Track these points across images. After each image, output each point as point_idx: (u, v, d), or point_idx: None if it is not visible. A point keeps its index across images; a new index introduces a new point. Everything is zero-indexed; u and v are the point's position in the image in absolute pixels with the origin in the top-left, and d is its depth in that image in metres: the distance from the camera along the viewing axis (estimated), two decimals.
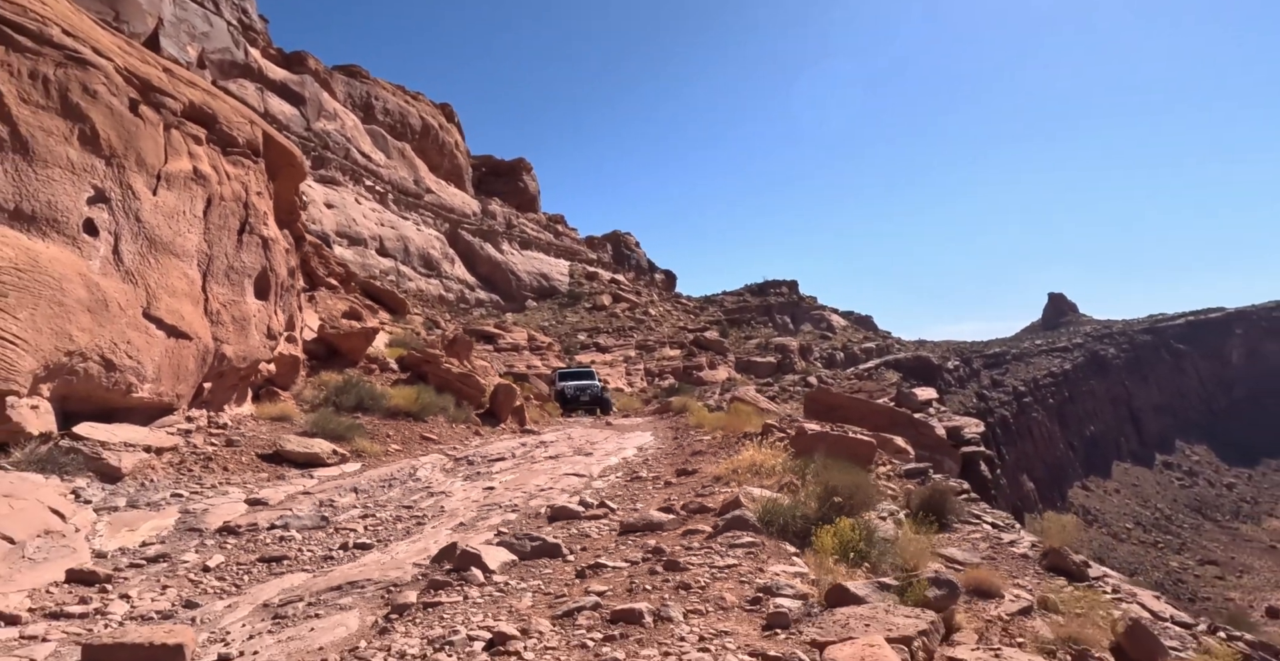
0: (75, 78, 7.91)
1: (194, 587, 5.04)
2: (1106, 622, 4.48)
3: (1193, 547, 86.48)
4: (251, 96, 46.25)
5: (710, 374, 40.36)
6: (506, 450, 11.68)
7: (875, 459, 10.18)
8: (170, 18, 42.03)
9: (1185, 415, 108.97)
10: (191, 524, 6.51)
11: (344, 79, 54.78)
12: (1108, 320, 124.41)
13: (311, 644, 3.82)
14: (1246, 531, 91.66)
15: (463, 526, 6.75)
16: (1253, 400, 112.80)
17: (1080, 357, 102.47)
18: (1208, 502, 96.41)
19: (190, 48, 42.95)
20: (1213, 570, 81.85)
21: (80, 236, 7.65)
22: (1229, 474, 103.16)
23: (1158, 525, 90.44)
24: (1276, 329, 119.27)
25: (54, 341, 6.90)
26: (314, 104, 51.16)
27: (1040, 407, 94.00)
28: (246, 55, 47.27)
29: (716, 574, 4.21)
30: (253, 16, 50.58)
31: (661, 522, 5.73)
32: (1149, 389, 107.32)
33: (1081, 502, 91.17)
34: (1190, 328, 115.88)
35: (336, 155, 50.36)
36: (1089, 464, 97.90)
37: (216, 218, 9.90)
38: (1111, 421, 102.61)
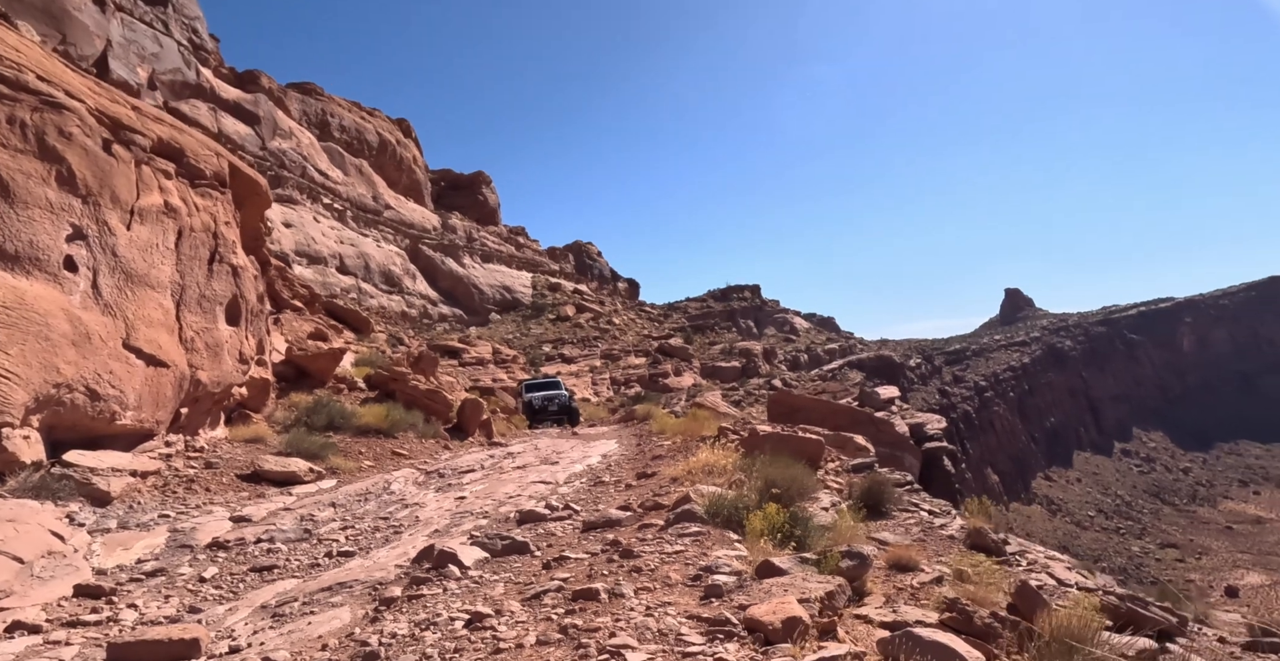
0: (51, 121, 8.35)
1: (194, 596, 5.55)
2: (1006, 587, 5.19)
3: (1153, 532, 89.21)
4: (204, 117, 46.16)
5: (676, 381, 41.10)
6: (475, 462, 12.21)
7: (824, 456, 10.92)
8: (119, 39, 41.86)
9: (1141, 403, 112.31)
10: (182, 541, 6.98)
11: (298, 97, 54.76)
12: (1063, 313, 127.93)
13: (311, 634, 4.38)
14: (1203, 514, 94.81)
15: (438, 533, 7.30)
16: (1204, 386, 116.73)
17: (1038, 351, 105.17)
18: (1165, 487, 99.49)
19: (140, 69, 42.76)
20: (1173, 553, 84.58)
21: (61, 273, 8.09)
22: (1184, 459, 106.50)
23: (1119, 511, 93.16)
24: (1224, 316, 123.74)
25: (43, 375, 7.33)
26: (268, 123, 51.08)
27: (1001, 401, 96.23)
28: (198, 75, 47.12)
29: (665, 558, 4.85)
30: (203, 36, 50.39)
31: (620, 519, 6.37)
32: (1105, 379, 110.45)
33: (1045, 493, 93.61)
34: (1142, 318, 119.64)
35: (293, 174, 50.33)
36: (1051, 454, 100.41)
37: (188, 248, 10.35)
38: (1071, 412, 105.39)
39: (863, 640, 3.42)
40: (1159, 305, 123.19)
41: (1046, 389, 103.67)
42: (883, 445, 30.64)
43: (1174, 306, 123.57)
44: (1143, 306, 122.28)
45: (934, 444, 50.69)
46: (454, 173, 68.63)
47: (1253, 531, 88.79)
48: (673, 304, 75.05)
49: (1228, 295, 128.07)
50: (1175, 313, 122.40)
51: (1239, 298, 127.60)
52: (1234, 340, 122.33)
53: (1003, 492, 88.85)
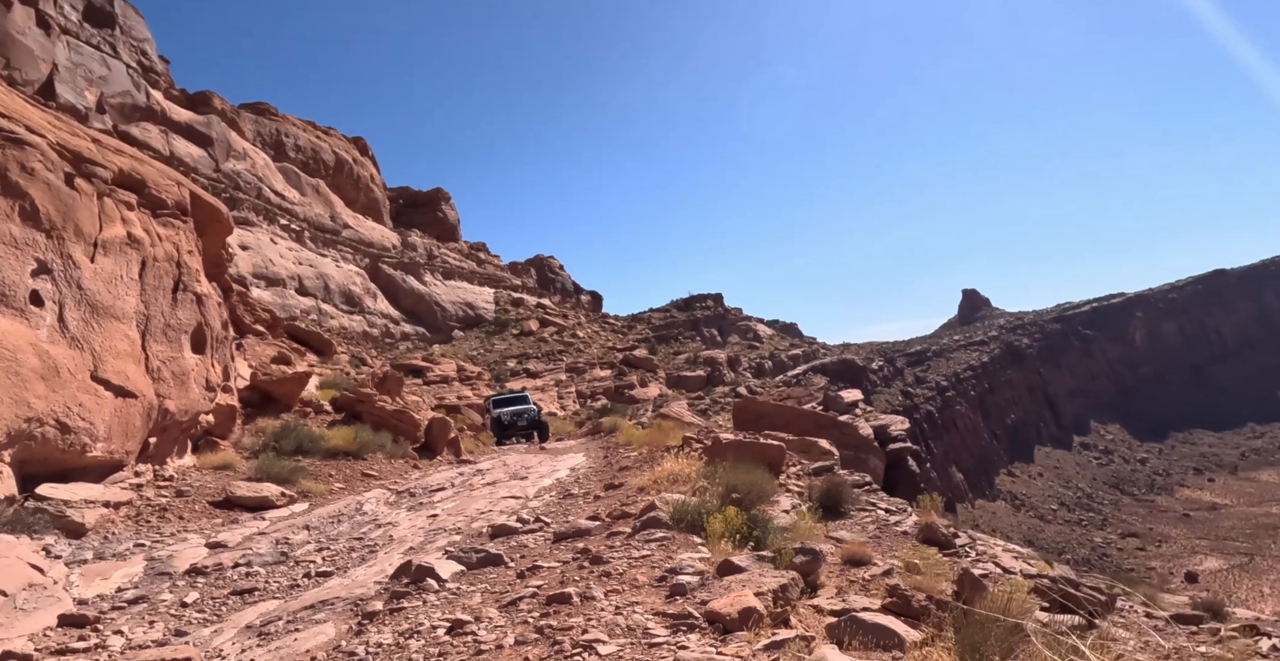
0: (14, 157, 8.45)
1: (178, 620, 5.72)
2: (951, 575, 5.60)
3: (1114, 522, 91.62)
4: (155, 140, 45.62)
5: (642, 391, 41.43)
6: (445, 480, 12.40)
7: (786, 461, 11.33)
8: (65, 63, 41.27)
9: (1097, 397, 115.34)
10: (160, 569, 7.12)
11: (252, 117, 54.29)
12: (1019, 312, 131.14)
13: (298, 649, 4.62)
14: (1161, 502, 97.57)
15: (413, 550, 7.53)
16: (1156, 378, 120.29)
17: (996, 350, 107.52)
18: (1124, 478, 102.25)
19: (88, 93, 42.17)
20: (1134, 542, 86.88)
21: (28, 308, 8.18)
22: (1141, 449, 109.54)
23: (1080, 504, 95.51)
24: (1173, 309, 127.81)
25: (14, 410, 7.42)
26: (222, 144, 50.59)
27: (963, 400, 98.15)
28: (148, 98, 46.57)
29: (633, 563, 5.17)
30: (153, 58, 49.83)
31: (589, 529, 6.67)
32: (1062, 374, 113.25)
33: (1009, 489, 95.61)
34: (1095, 314, 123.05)
35: (248, 195, 49.86)
36: (1013, 451, 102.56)
37: (151, 279, 10.44)
38: (1030, 408, 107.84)
39: (813, 626, 3.76)
40: (1111, 301, 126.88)
41: (1006, 386, 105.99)
42: (847, 448, 31.29)
43: (1125, 301, 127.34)
44: (1095, 302, 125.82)
45: (898, 445, 51.65)
46: (412, 190, 68.47)
47: (1209, 517, 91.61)
48: (636, 315, 75.53)
49: (1176, 289, 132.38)
50: (1127, 308, 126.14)
51: (1186, 291, 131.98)
52: (1183, 332, 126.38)
53: (968, 490, 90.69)
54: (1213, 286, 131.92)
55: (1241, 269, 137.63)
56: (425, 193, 68.69)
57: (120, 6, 48.76)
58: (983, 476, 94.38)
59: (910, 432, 66.89)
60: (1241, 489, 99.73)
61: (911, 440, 66.02)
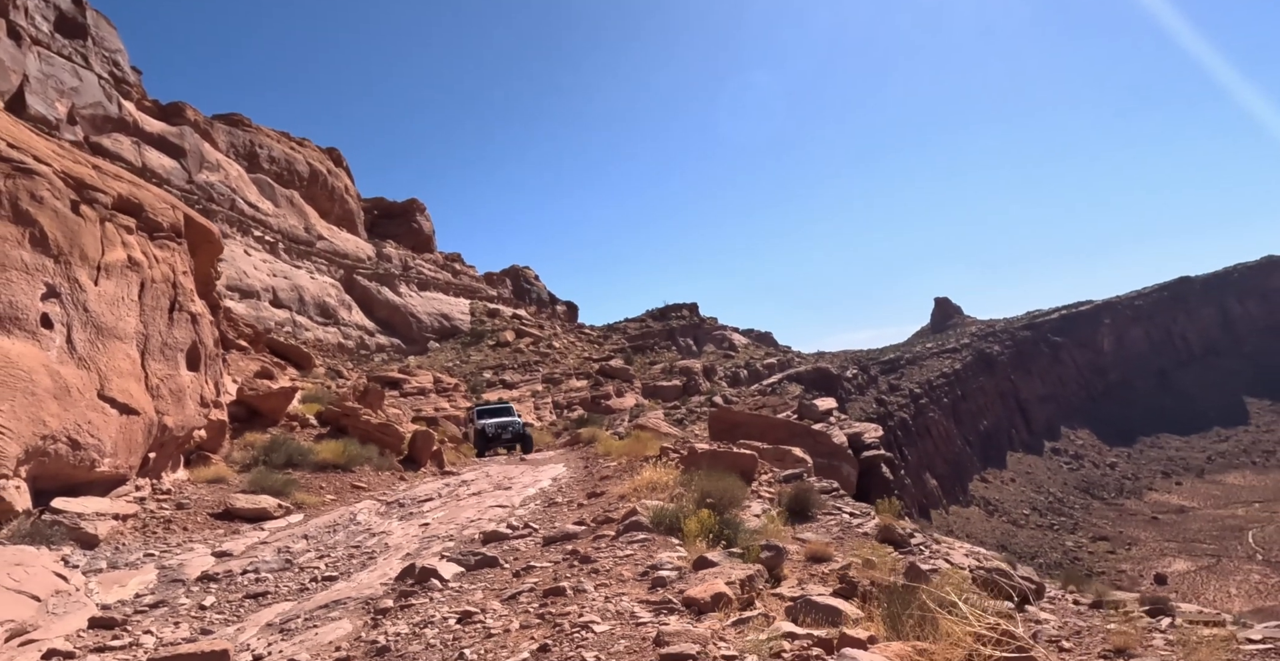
0: (24, 187, 8.95)
1: (200, 621, 6.27)
2: (901, 569, 6.30)
3: (1085, 526, 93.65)
4: (127, 151, 45.61)
5: (618, 402, 42.01)
6: (433, 491, 12.95)
7: (758, 469, 12.04)
8: (36, 74, 41.22)
9: (1067, 402, 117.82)
10: (172, 576, 7.64)
11: (225, 128, 54.35)
12: (990, 320, 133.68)
13: (321, 641, 5.21)
14: (1131, 506, 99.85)
15: (409, 556, 8.10)
16: (1124, 383, 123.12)
17: (968, 357, 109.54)
18: (1094, 483, 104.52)
19: (59, 104, 42.15)
20: (1105, 545, 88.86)
21: (39, 330, 8.67)
22: (1110, 454, 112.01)
23: (1052, 508, 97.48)
24: (1139, 316, 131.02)
25: (31, 428, 7.92)
26: (195, 155, 50.61)
27: (936, 407, 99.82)
28: (120, 109, 46.55)
29: (618, 561, 5.83)
30: (125, 69, 49.81)
31: (576, 533, 7.32)
32: (1033, 381, 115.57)
33: (982, 494, 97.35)
34: (1064, 321, 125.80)
35: (222, 207, 49.89)
36: (985, 457, 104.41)
37: (150, 299, 10.94)
38: (1002, 414, 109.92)
39: (774, 608, 4.44)
40: (1079, 308, 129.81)
41: (978, 393, 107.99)
42: (820, 455, 32.12)
43: (1093, 308, 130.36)
44: (1064, 310, 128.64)
45: (872, 452, 52.61)
46: (387, 201, 68.66)
47: (1177, 520, 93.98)
48: (612, 325, 76.17)
49: (1142, 296, 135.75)
50: (1095, 314, 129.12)
51: (1152, 298, 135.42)
52: (1150, 338, 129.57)
53: (942, 496, 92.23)
54: (1178, 293, 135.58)
55: (1205, 276, 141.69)
56: (400, 203, 68.93)
57: (92, 17, 48.70)
58: (956, 482, 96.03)
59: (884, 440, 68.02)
60: (1208, 492, 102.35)
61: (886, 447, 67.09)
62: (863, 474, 49.19)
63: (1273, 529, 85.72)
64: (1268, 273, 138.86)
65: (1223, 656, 4.03)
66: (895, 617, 3.61)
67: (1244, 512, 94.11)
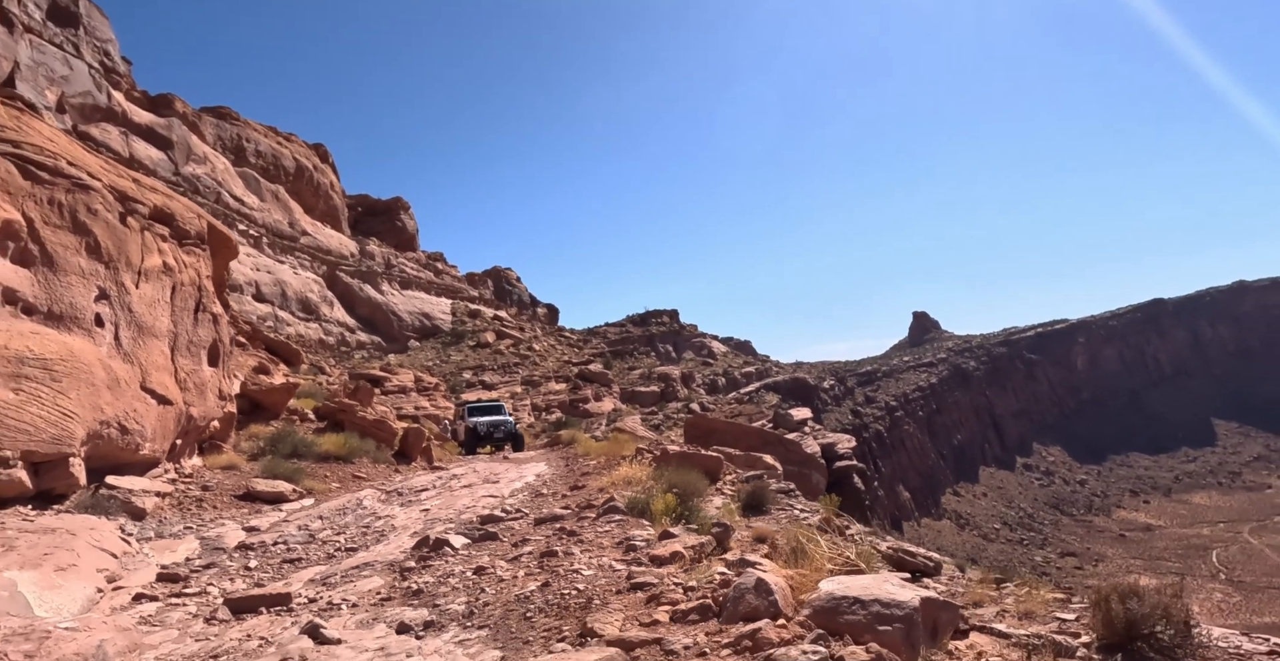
0: (81, 201, 10.31)
1: (251, 578, 7.67)
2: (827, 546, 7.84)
3: (1054, 542, 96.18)
4: (115, 141, 46.50)
5: (596, 406, 43.41)
6: (427, 483, 14.36)
7: (723, 470, 13.56)
8: (27, 61, 42.05)
9: (1040, 419, 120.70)
10: (214, 545, 9.02)
11: (213, 121, 55.22)
12: (967, 335, 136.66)
13: (361, 589, 6.65)
14: (1099, 523, 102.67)
15: (417, 534, 9.53)
16: (1096, 402, 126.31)
17: (944, 371, 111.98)
18: (1064, 499, 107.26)
19: (49, 92, 43.00)
20: (1072, 561, 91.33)
21: (93, 328, 10.03)
22: (1080, 471, 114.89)
23: (1022, 523, 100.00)
24: (1112, 336, 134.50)
25: (91, 414, 9.28)
26: (182, 147, 51.48)
27: (911, 420, 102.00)
28: (109, 99, 47.38)
29: (599, 535, 7.32)
30: (115, 59, 50.62)
31: (563, 515, 8.80)
32: (1007, 397, 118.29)
33: (954, 508, 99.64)
34: (1039, 338, 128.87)
35: (208, 200, 50.77)
36: (958, 471, 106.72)
37: (179, 301, 12.29)
38: (976, 429, 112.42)
39: (716, 564, 5.94)
40: (1055, 326, 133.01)
41: (953, 407, 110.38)
42: (791, 463, 33.72)
43: (1068, 327, 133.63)
44: (1040, 327, 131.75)
45: (844, 462, 54.41)
46: (371, 198, 69.70)
47: (1144, 538, 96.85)
48: (592, 329, 77.61)
49: (1116, 316, 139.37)
50: (1069, 333, 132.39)
51: (1126, 318, 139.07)
52: (1122, 358, 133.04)
53: (914, 509, 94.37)
54: (1151, 314, 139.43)
55: (1178, 298, 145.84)
56: (384, 201, 70.01)
57: (85, 6, 49.48)
58: (929, 495, 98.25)
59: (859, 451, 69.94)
60: (1175, 510, 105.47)
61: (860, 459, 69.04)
62: (835, 483, 50.88)
63: (1236, 549, 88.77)
64: (1238, 297, 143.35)
65: (1045, 608, 5.57)
66: (793, 562, 5.12)
67: (1209, 532, 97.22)
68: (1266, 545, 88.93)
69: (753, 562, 5.40)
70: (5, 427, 7.98)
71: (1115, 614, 4.45)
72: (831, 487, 47.35)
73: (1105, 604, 4.50)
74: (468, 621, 4.94)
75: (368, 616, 5.50)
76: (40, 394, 8.53)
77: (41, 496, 8.78)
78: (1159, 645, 4.51)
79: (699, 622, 3.94)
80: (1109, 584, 4.82)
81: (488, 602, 5.29)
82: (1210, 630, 4.99)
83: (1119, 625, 4.44)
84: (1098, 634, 4.57)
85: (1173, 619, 4.61)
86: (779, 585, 3.98)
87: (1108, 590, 4.57)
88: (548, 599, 5.02)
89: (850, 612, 3.40)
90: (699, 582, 4.86)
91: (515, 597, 5.23)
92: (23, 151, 9.81)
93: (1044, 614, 5.43)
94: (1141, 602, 4.42)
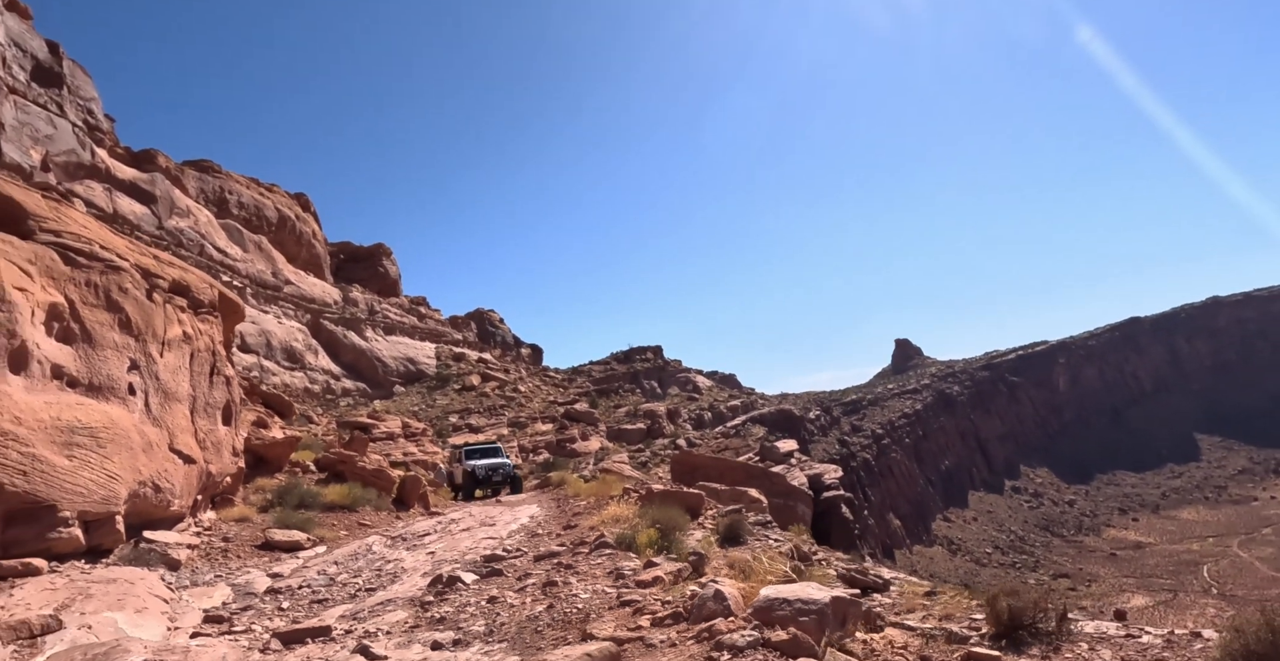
0: (113, 281, 11.54)
1: (286, 617, 8.79)
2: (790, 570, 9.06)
3: (1046, 564, 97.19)
4: (99, 197, 47.63)
5: (583, 445, 44.41)
6: (428, 528, 15.46)
7: (704, 506, 14.80)
8: (12, 122, 43.31)
9: (1025, 441, 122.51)
10: (245, 590, 10.11)
11: (196, 174, 56.53)
12: (950, 360, 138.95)
13: (389, 620, 7.80)
14: (1089, 543, 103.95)
15: (427, 574, 10.66)
16: (1080, 421, 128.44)
17: (929, 397, 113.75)
18: (1054, 520, 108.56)
19: (34, 151, 44.21)
20: (1065, 582, 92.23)
21: (127, 396, 11.20)
22: (1069, 491, 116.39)
23: (1014, 546, 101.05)
24: (1092, 356, 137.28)
25: (132, 475, 10.42)
26: (165, 202, 52.65)
27: (898, 448, 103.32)
28: (93, 156, 48.62)
29: (592, 566, 8.53)
30: (98, 116, 51.98)
31: (559, 551, 9.99)
32: (992, 420, 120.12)
33: (945, 533, 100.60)
34: (1021, 361, 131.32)
35: (191, 252, 51.84)
36: (947, 496, 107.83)
37: (197, 366, 13.47)
38: (963, 454, 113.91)
39: (692, 585, 7.17)
40: (1035, 348, 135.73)
41: (939, 433, 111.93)
42: (776, 496, 34.86)
43: (1049, 348, 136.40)
44: (1021, 350, 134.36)
45: (832, 493, 55.37)
46: (353, 245, 71.01)
47: (1134, 556, 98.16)
48: (577, 368, 78.83)
49: (1095, 336, 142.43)
50: (1050, 354, 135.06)
51: (1104, 337, 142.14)
52: (1103, 377, 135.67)
53: (905, 536, 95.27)
54: (1128, 333, 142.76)
55: (1154, 316, 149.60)
56: (366, 248, 71.33)
57: (68, 66, 50.90)
58: (920, 522, 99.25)
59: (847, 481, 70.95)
60: (1163, 527, 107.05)
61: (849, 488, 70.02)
62: (823, 514, 51.84)
63: (1226, 563, 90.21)
64: (1213, 313, 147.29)
65: (964, 611, 6.83)
66: (746, 578, 6.39)
67: (1198, 547, 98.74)
68: (1256, 558, 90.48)
69: (715, 580, 6.66)
70: (64, 491, 9.13)
71: (1001, 609, 5.74)
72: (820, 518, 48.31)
73: (994, 601, 5.79)
74: (489, 638, 6.14)
75: (403, 640, 6.68)
76: (90, 459, 9.68)
77: (91, 551, 9.88)
78: (1039, 633, 5.81)
79: (672, 624, 5.20)
80: (997, 585, 6.11)
81: (503, 623, 6.50)
82: (1085, 624, 6.30)
83: (1004, 618, 5.73)
84: (991, 626, 5.84)
85: (1049, 613, 5.92)
86: (732, 593, 5.25)
87: (995, 590, 5.87)
88: (553, 616, 6.24)
89: (780, 609, 4.67)
90: (674, 598, 6.10)
91: (526, 618, 6.44)
92: (63, 240, 11.07)
93: (961, 615, 6.71)
94: (1020, 600, 5.71)
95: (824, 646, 4.41)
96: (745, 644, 4.33)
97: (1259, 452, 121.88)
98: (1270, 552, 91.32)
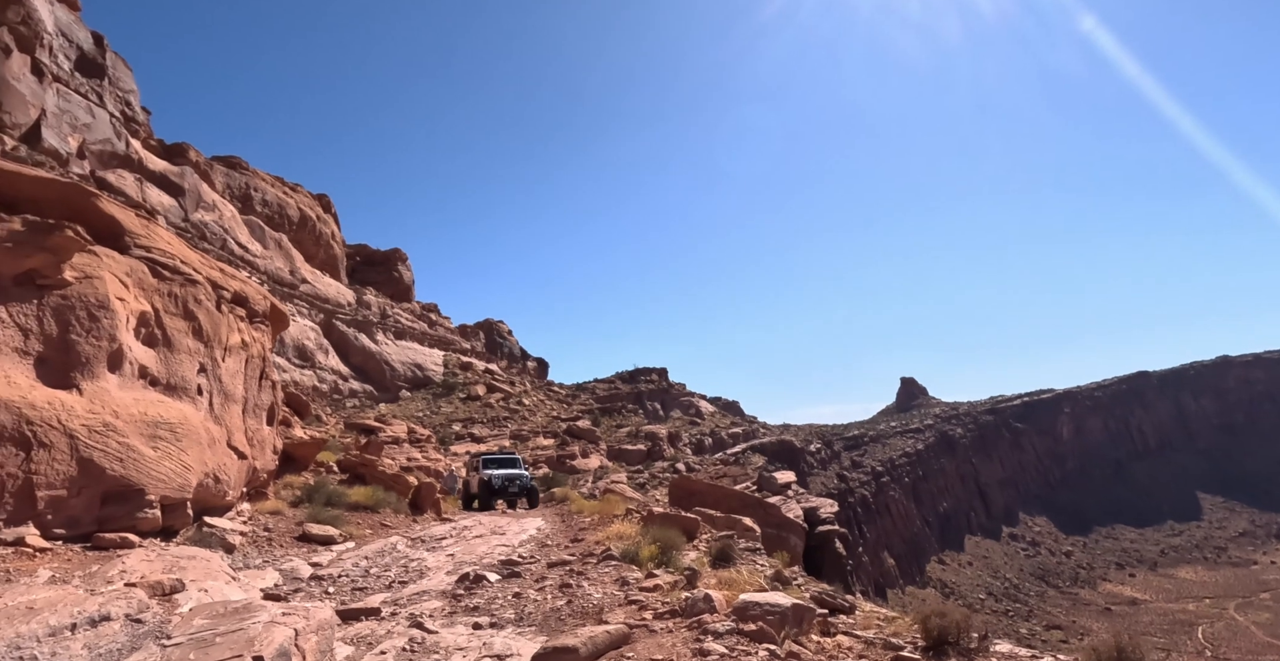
0: (190, 293, 13.24)
1: (334, 600, 10.35)
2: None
3: (1039, 614, 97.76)
4: (130, 187, 49.67)
5: (583, 462, 45.90)
6: (444, 532, 17.03)
7: (699, 530, 16.35)
8: (53, 109, 45.50)
9: (1026, 488, 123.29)
10: (291, 575, 11.70)
11: (224, 170, 58.66)
12: (954, 402, 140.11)
13: (428, 607, 9.37)
14: (1084, 595, 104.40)
15: (450, 573, 12.24)
16: (1081, 472, 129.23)
17: (931, 438, 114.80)
18: (1050, 570, 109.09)
19: (71, 138, 46.34)
20: (1057, 634, 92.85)
21: (196, 396, 12.86)
22: (1066, 542, 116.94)
23: (1008, 594, 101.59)
24: (1097, 406, 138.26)
25: (200, 466, 12.05)
26: (193, 195, 54.74)
27: (897, 486, 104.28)
28: (128, 146, 50.74)
29: (601, 574, 10.11)
30: (136, 108, 54.21)
31: (570, 560, 11.58)
32: (993, 465, 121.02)
33: (939, 576, 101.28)
34: (1026, 407, 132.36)
35: (213, 246, 53.82)
36: (944, 538, 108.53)
37: (250, 371, 15.15)
38: (962, 496, 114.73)
39: (684, 592, 8.73)
40: (1041, 396, 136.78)
41: (939, 474, 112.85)
42: (770, 526, 36.23)
43: (1054, 397, 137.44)
44: (1026, 397, 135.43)
45: (826, 527, 56.56)
46: (370, 248, 73.02)
47: (1129, 612, 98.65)
48: (581, 385, 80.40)
49: (1102, 388, 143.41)
50: (1055, 403, 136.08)
51: (1111, 390, 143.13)
52: (1108, 429, 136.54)
53: (898, 576, 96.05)
54: (1136, 387, 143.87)
55: (1163, 372, 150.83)
56: (383, 252, 73.36)
57: (111, 59, 53.17)
58: (914, 563, 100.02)
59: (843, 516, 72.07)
60: (1160, 585, 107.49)
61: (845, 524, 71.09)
62: (817, 547, 53.04)
63: (1222, 625, 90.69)
64: (1221, 372, 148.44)
65: (910, 630, 8.38)
66: (728, 587, 7.98)
67: (1195, 607, 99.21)
68: (1252, 622, 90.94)
69: (705, 589, 8.24)
70: (150, 477, 10.77)
71: (932, 626, 7.31)
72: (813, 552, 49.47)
73: (925, 620, 7.37)
74: (520, 623, 7.73)
75: (446, 621, 8.26)
76: (170, 451, 11.34)
77: (164, 532, 11.50)
78: (961, 650, 7.37)
79: (670, 618, 6.79)
80: (927, 606, 7.68)
81: (530, 612, 8.09)
82: (1001, 645, 7.86)
83: (934, 634, 7.30)
84: (924, 640, 7.41)
85: (969, 632, 7.49)
86: (718, 598, 6.87)
87: (926, 611, 7.45)
88: (572, 609, 7.84)
89: (753, 610, 6.25)
90: (672, 600, 7.69)
91: (549, 609, 8.04)
92: (152, 255, 12.80)
93: (906, 633, 8.27)
94: (945, 619, 7.28)
95: (783, 638, 5.98)
96: (724, 631, 5.93)
97: (1261, 515, 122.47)
98: (1267, 618, 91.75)
